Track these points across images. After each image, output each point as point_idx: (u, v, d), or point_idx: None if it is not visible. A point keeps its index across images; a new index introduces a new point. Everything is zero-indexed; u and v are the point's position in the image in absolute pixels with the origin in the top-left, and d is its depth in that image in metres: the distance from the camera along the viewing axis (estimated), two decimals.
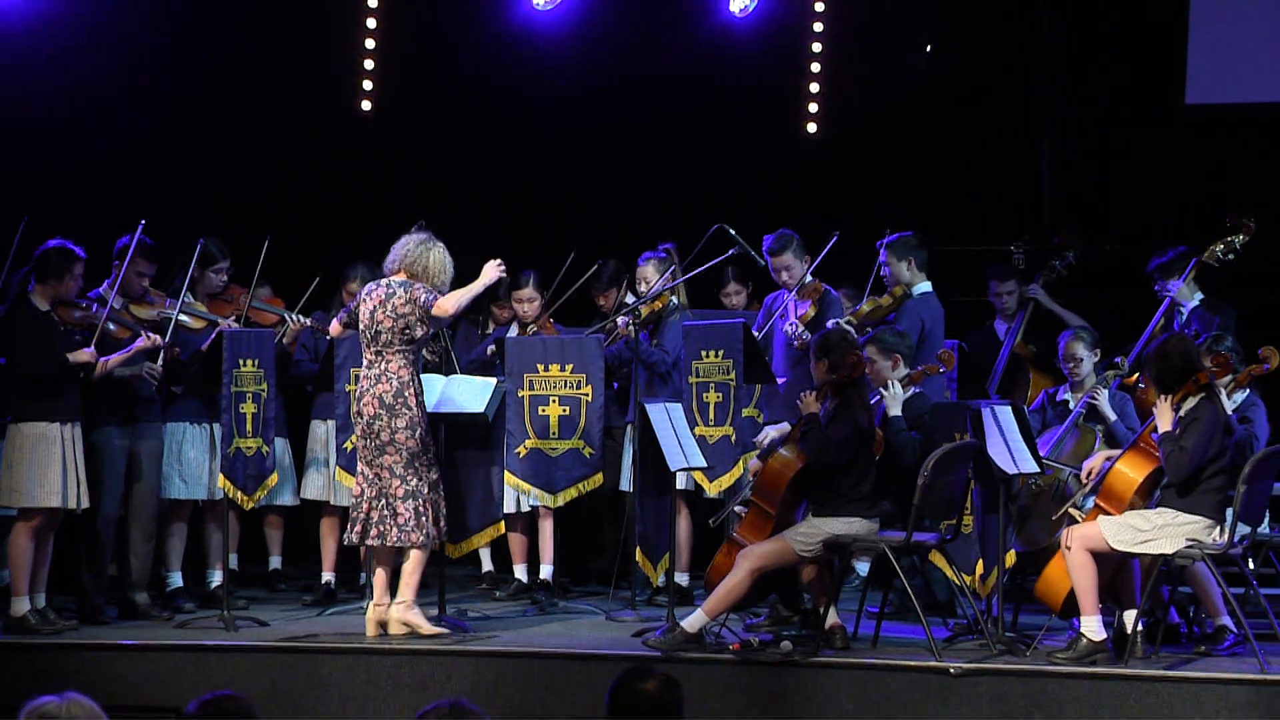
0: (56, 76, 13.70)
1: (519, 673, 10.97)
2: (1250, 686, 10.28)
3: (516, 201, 13.89)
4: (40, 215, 12.04)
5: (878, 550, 11.10)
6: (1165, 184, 14.98)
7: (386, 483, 10.96)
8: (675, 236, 12.87)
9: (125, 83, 14.00)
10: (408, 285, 10.94)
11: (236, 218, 13.29)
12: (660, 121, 15.23)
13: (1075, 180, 15.50)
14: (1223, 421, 10.69)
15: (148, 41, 14.08)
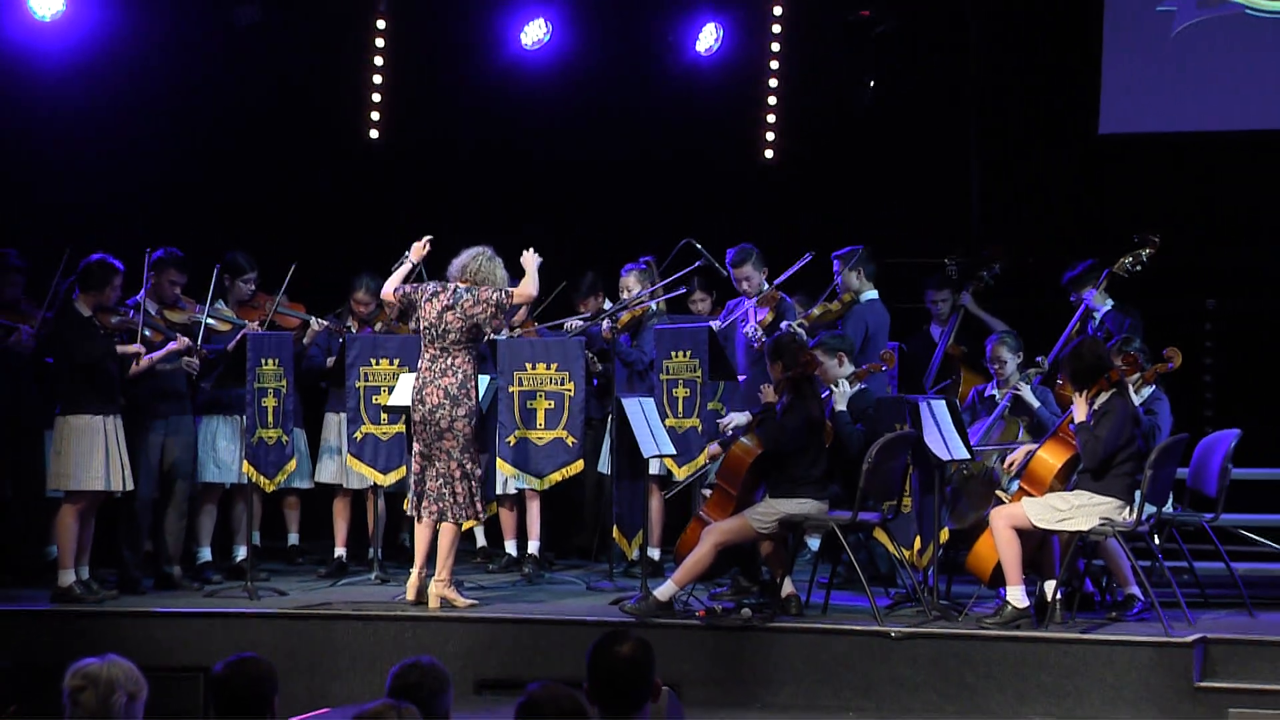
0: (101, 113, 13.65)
1: (509, 636, 10.98)
2: (1155, 648, 10.32)
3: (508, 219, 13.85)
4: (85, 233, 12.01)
5: (827, 528, 11.13)
6: (1080, 204, 15.00)
7: (444, 465, 11.00)
8: (648, 251, 12.86)
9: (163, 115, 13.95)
10: (473, 290, 11.01)
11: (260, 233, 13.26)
12: (635, 148, 15.22)
13: (1001, 201, 15.50)
14: (1131, 414, 10.73)
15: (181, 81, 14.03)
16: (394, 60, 15.03)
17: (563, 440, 11.86)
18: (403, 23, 14.99)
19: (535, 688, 5.27)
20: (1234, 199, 14.65)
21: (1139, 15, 14.76)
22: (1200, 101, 14.68)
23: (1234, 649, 10.46)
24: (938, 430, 11.14)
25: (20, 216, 12.88)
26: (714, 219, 13.58)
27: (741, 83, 15.67)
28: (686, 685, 10.18)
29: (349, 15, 14.87)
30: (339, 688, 10.67)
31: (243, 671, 5.57)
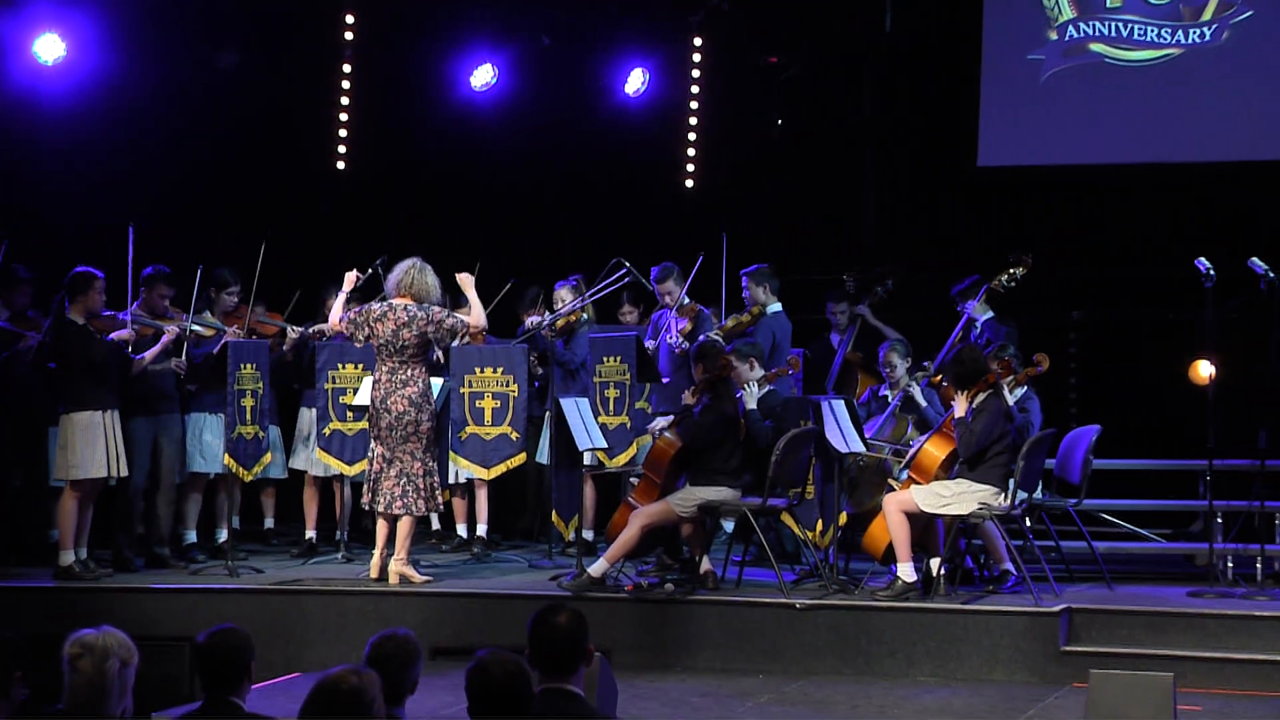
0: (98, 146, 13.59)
1: (460, 609, 10.96)
2: (1027, 617, 10.37)
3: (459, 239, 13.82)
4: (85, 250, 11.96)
5: (741, 512, 11.13)
6: (962, 227, 15.05)
7: (408, 464, 10.98)
8: (582, 268, 12.87)
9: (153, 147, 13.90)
10: (428, 310, 10.97)
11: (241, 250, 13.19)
12: (572, 178, 15.24)
13: (892, 224, 15.55)
14: (1005, 411, 10.80)
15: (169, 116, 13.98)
16: (359, 99, 15.01)
17: (507, 435, 11.85)
18: (367, 66, 14.96)
19: (483, 653, 5.26)
20: (1095, 223, 14.74)
21: (1012, 62, 14.84)
22: (1065, 138, 14.76)
23: (1095, 617, 10.54)
24: (837, 426, 11.18)
25: (29, 235, 12.81)
26: (641, 240, 13.58)
27: (665, 120, 15.70)
28: (616, 651, 10.17)
29: (319, 59, 14.85)
30: (310, 655, 10.62)
31: (223, 641, 5.56)
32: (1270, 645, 10.18)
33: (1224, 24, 14.28)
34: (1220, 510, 12.00)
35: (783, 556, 11.65)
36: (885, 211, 15.64)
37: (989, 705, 9.66)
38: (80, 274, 11.33)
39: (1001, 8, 14.84)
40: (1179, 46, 14.41)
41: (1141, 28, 14.49)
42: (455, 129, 15.10)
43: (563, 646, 5.40)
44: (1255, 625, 10.31)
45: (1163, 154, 14.47)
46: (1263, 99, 14.22)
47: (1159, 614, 10.53)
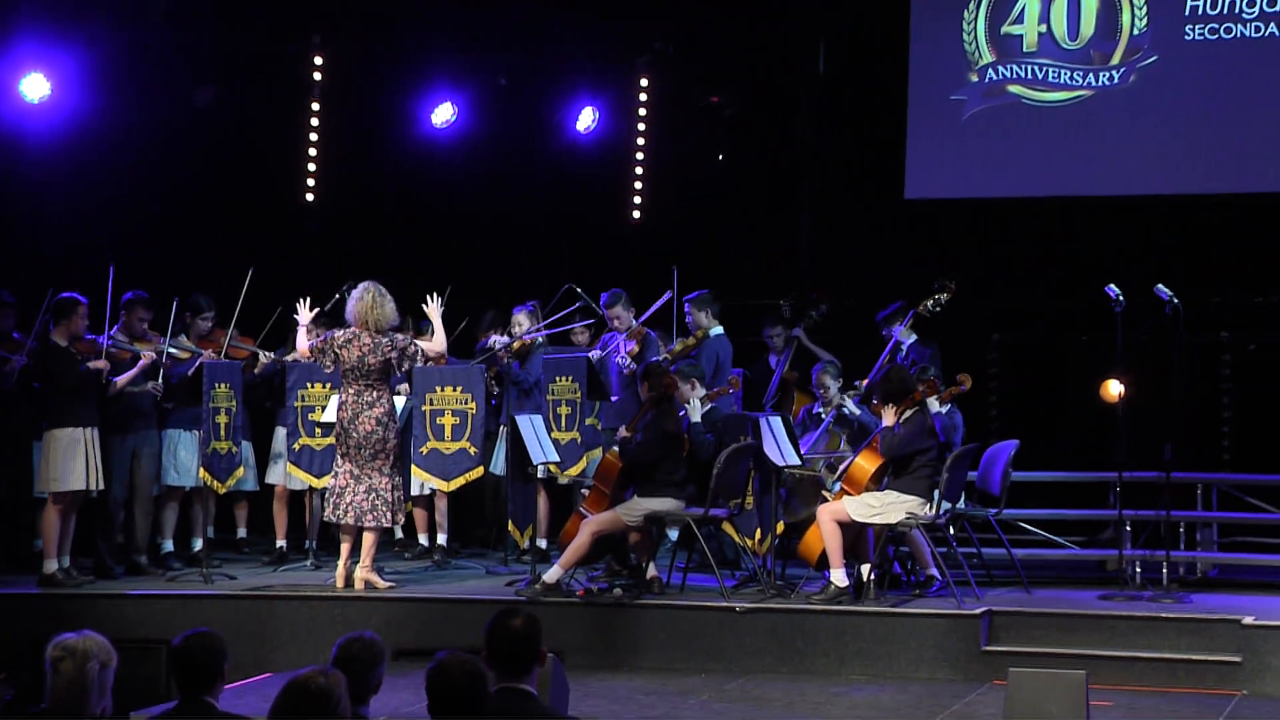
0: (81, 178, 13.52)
1: (421, 613, 10.93)
2: (950, 619, 10.41)
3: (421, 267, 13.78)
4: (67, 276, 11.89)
5: (684, 521, 11.14)
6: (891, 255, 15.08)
7: (376, 480, 10.95)
8: (536, 293, 12.87)
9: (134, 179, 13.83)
10: (391, 338, 10.97)
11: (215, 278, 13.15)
12: (527, 209, 15.22)
13: (825, 253, 15.59)
14: (929, 426, 10.84)
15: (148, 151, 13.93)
16: (326, 135, 14.97)
17: (466, 450, 11.82)
18: (334, 104, 14.93)
19: (443, 655, 5.25)
20: (1014, 252, 14.79)
21: (936, 102, 14.89)
22: (986, 173, 14.82)
23: (1013, 619, 10.58)
24: (774, 441, 11.20)
25: (13, 262, 12.75)
26: (591, 268, 13.58)
27: (613, 155, 15.73)
28: (569, 652, 10.15)
29: (289, 97, 14.81)
30: (280, 656, 10.57)
31: (198, 643, 5.53)
32: (1175, 645, 10.25)
33: (1131, 68, 14.38)
34: (1129, 519, 12.06)
35: (724, 563, 11.66)
36: (819, 241, 15.68)
37: (915, 701, 9.68)
38: (65, 300, 11.30)
39: (926, 52, 14.91)
40: (1090, 89, 14.50)
41: (1055, 71, 14.58)
42: (417, 163, 15.07)
43: (517, 648, 5.40)
44: (1161, 626, 10.37)
45: (1075, 188, 14.54)
46: (1166, 137, 14.32)
47: (1072, 616, 10.58)
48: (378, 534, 11.16)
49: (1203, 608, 10.70)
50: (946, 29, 14.83)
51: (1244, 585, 11.78)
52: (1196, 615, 10.44)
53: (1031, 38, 14.64)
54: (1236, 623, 10.15)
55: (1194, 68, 14.23)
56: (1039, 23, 14.59)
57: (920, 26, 14.94)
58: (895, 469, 10.81)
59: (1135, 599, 10.98)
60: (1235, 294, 14.19)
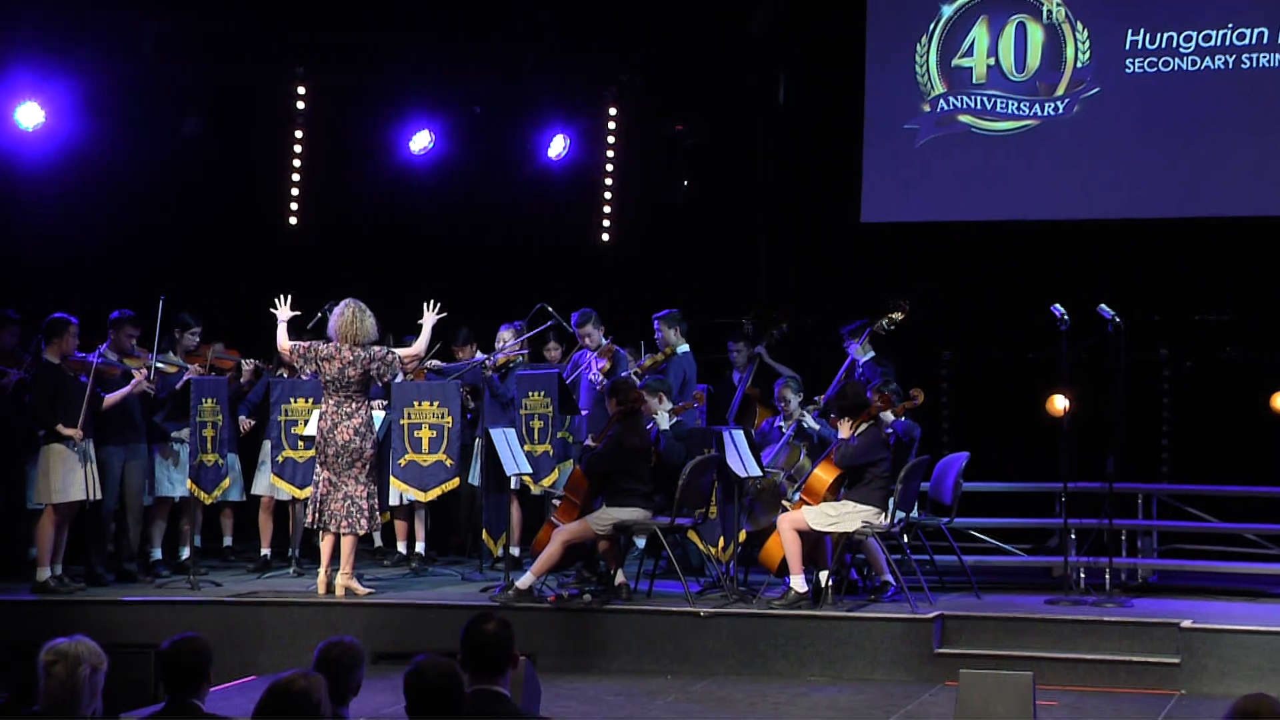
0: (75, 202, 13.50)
1: (399, 617, 10.91)
2: (904, 623, 10.43)
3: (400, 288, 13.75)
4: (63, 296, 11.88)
5: (651, 530, 11.13)
6: (847, 276, 15.12)
7: (352, 488, 10.93)
8: (510, 312, 12.86)
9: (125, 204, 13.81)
10: (369, 350, 10.95)
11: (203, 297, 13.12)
12: (501, 232, 15.21)
13: (785, 274, 15.61)
14: (882, 439, 10.86)
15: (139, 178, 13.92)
16: (309, 162, 14.94)
17: (442, 462, 11.81)
18: (317, 132, 14.90)
19: (421, 658, 5.25)
20: (965, 273, 14.83)
21: (890, 130, 14.93)
22: (938, 198, 14.86)
23: (964, 623, 10.60)
24: (737, 454, 11.21)
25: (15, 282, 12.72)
26: (562, 288, 13.57)
27: (583, 181, 15.72)
28: (540, 655, 10.15)
29: (274, 126, 14.78)
30: (264, 659, 10.54)
31: (185, 647, 5.51)
32: (1117, 647, 10.29)
33: (1075, 99, 14.45)
34: (1074, 527, 12.10)
35: (689, 570, 11.65)
36: (779, 262, 15.69)
37: (871, 702, 9.69)
38: (56, 320, 11.28)
39: (881, 83, 14.95)
40: (1036, 118, 14.56)
41: (1004, 101, 14.64)
42: (396, 188, 15.06)
43: (491, 652, 5.39)
44: (1104, 629, 10.41)
45: (1022, 212, 14.59)
46: (1107, 165, 14.38)
47: (1020, 620, 10.61)
48: (355, 541, 11.12)
49: (1143, 612, 10.74)
50: (900, 62, 14.88)
51: (1182, 590, 11.82)
52: (1137, 619, 10.48)
53: (981, 70, 14.70)
54: (1175, 626, 10.19)
55: (1134, 99, 14.31)
56: (988, 55, 14.66)
57: (875, 59, 14.98)
58: (851, 480, 10.83)
59: (1079, 604, 11.01)
60: (1173, 313, 14.25)
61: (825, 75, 15.46)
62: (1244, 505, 13.09)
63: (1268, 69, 13.98)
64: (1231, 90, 14.05)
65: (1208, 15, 14.09)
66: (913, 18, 14.87)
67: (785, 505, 11.23)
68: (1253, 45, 13.99)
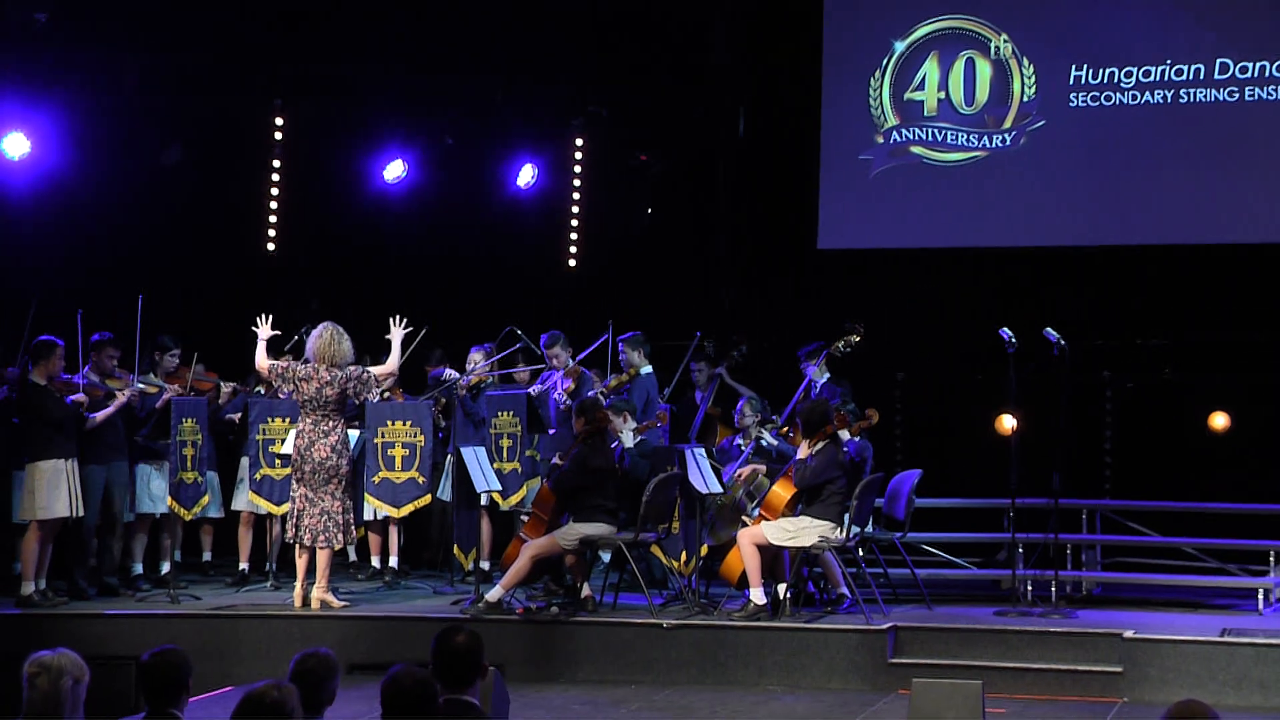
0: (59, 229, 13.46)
1: (373, 629, 10.87)
2: (859, 634, 10.44)
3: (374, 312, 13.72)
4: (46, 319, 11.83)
5: (616, 545, 11.13)
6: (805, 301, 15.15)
7: (328, 504, 10.90)
8: (480, 334, 12.85)
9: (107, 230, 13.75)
10: (346, 370, 10.93)
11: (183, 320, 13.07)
12: (471, 258, 15.20)
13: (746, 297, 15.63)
14: (838, 458, 10.87)
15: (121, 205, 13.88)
16: (286, 190, 14.90)
17: (415, 479, 11.78)
18: (293, 161, 14.88)
19: (398, 668, 5.25)
20: (917, 298, 14.86)
21: (846, 161, 14.98)
22: (891, 226, 14.90)
23: (917, 634, 10.62)
24: (699, 471, 11.22)
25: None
26: (530, 311, 13.57)
27: (551, 208, 15.73)
28: (509, 666, 10.12)
29: (252, 155, 14.76)
30: (242, 670, 10.46)
31: (165, 659, 5.48)
32: (1063, 656, 10.32)
33: (1022, 131, 14.53)
34: (1021, 541, 12.13)
35: (652, 583, 11.64)
36: (739, 287, 15.72)
37: (827, 710, 9.70)
38: (43, 342, 11.26)
39: (836, 115, 15.00)
40: (984, 150, 14.64)
41: (953, 133, 14.71)
42: (371, 216, 15.04)
43: (461, 662, 5.39)
44: (1050, 639, 10.43)
45: (972, 240, 14.66)
46: (1053, 194, 14.46)
47: (970, 630, 10.64)
48: (331, 555, 11.10)
49: (1088, 622, 10.77)
50: (855, 95, 14.95)
51: (1125, 602, 11.87)
52: (1082, 630, 10.51)
53: (932, 103, 14.77)
54: (1118, 636, 10.23)
55: (1078, 131, 14.40)
56: (938, 90, 14.73)
57: (831, 93, 15.04)
58: (808, 496, 10.84)
59: (1027, 615, 11.04)
60: (1115, 337, 14.34)
61: (783, 108, 15.52)
62: (1183, 520, 13.16)
63: (1204, 104, 14.09)
64: (1169, 124, 14.16)
65: (1147, 52, 14.20)
66: (867, 53, 14.94)
67: (745, 520, 11.23)
68: (1190, 81, 14.11)
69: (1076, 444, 13.12)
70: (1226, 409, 14.22)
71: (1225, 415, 14.22)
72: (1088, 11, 14.40)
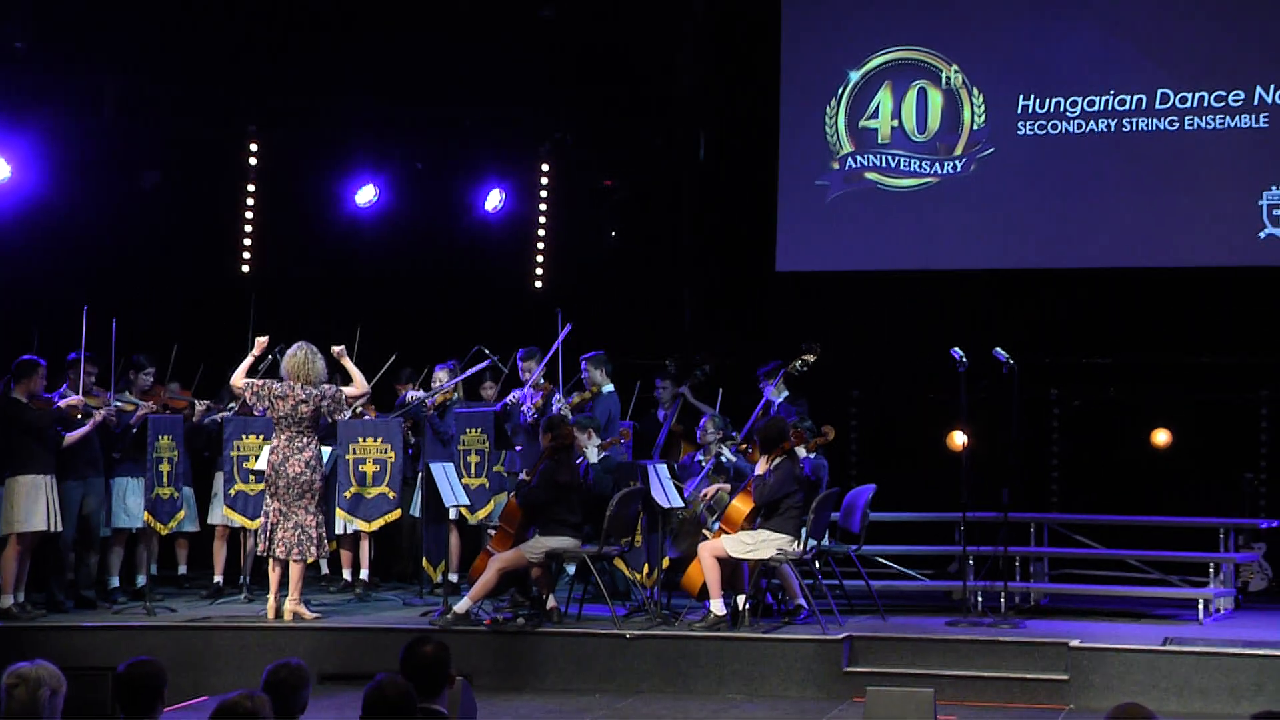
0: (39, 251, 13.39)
1: (345, 640, 10.83)
2: (816, 643, 10.45)
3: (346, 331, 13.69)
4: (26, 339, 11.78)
5: (581, 558, 11.13)
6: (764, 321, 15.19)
7: (302, 518, 10.86)
8: (450, 353, 12.84)
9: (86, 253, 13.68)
10: (320, 389, 10.91)
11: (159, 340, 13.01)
12: (441, 279, 15.18)
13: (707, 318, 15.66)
14: (795, 473, 10.89)
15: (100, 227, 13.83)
16: (261, 214, 14.89)
17: (385, 495, 11.75)
18: (268, 186, 14.86)
19: (382, 677, 5.27)
20: (871, 319, 14.92)
21: (803, 187, 15.04)
22: (847, 249, 14.96)
23: (871, 643, 10.63)
24: (661, 486, 11.24)
25: None
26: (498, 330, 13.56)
27: (518, 231, 15.74)
28: (477, 675, 10.08)
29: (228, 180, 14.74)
30: (216, 681, 10.41)
31: (140, 670, 5.47)
32: (1011, 665, 10.34)
33: (972, 158, 14.62)
34: (972, 554, 12.18)
35: (616, 594, 11.65)
36: (701, 308, 15.75)
37: (785, 717, 9.71)
38: (25, 361, 11.23)
39: (794, 143, 15.07)
40: (936, 176, 14.72)
41: (907, 160, 14.78)
42: (343, 239, 15.02)
43: (429, 672, 5.40)
44: (999, 648, 10.46)
45: (924, 263, 14.73)
46: (1002, 219, 14.55)
47: (923, 640, 10.65)
48: (304, 568, 11.07)
49: (1035, 632, 10.81)
50: (812, 123, 15.02)
51: (1071, 612, 11.92)
52: (1029, 639, 10.54)
53: (885, 131, 14.85)
54: (1064, 645, 10.27)
55: (1025, 159, 14.50)
56: (892, 118, 14.81)
57: (789, 121, 15.11)
58: (766, 511, 10.86)
59: (977, 625, 11.07)
60: (1062, 356, 14.42)
61: (743, 135, 15.57)
62: (1127, 533, 13.24)
63: (1146, 132, 14.21)
64: (1113, 151, 14.28)
65: (1092, 82, 14.32)
66: (823, 83, 15.02)
67: (705, 534, 11.23)
68: (1132, 110, 14.23)
69: (1025, 460, 13.18)
70: (1168, 426, 14.33)
71: (1167, 432, 14.32)
72: (1035, 43, 14.51)
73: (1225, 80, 14.03)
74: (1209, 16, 14.13)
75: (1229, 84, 14.02)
